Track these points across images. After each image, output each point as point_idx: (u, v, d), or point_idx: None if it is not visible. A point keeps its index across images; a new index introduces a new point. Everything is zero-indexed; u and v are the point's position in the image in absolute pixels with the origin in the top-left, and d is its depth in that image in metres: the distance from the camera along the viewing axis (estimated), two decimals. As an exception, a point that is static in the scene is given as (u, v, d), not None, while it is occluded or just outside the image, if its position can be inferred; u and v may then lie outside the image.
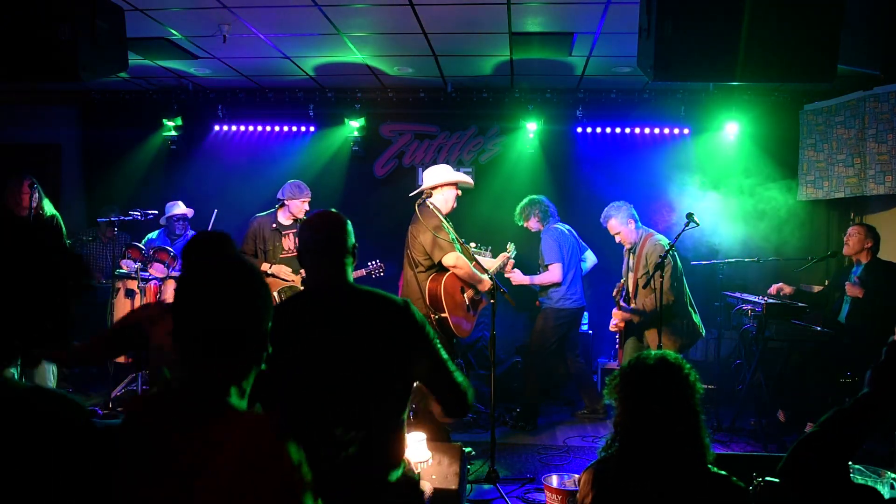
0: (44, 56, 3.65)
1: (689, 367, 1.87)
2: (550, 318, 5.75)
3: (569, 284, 5.71)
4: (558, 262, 5.66)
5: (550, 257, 5.69)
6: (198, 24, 5.33)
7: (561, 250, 5.69)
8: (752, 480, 2.08)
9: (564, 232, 5.80)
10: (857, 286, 5.15)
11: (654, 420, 1.80)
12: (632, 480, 1.81)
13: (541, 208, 5.83)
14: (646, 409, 1.82)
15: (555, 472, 4.26)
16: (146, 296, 5.95)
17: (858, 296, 5.16)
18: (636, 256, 5.11)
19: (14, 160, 7.51)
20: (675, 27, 3.34)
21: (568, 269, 5.70)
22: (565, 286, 5.70)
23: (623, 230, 5.15)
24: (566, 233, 5.81)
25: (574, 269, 5.75)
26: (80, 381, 6.48)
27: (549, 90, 7.18)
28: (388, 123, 7.58)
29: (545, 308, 5.81)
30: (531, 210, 5.84)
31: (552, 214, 5.87)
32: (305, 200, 5.63)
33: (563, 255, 5.68)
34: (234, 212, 6.52)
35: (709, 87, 6.99)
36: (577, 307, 5.77)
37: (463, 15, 5.06)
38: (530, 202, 5.88)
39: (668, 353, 1.90)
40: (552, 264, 5.67)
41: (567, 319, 5.77)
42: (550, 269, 5.68)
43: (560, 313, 5.73)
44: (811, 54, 3.42)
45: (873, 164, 5.92)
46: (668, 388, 1.82)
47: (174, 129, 7.46)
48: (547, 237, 5.77)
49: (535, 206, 5.84)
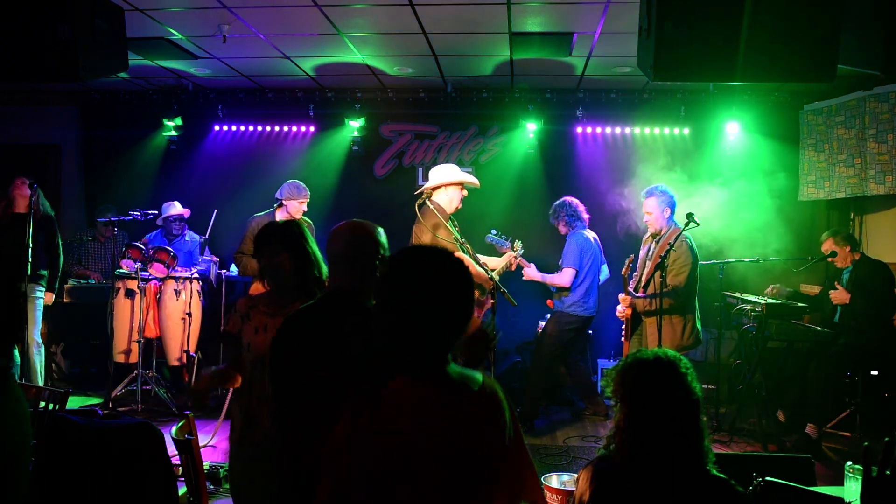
0: (44, 56, 3.64)
1: (687, 365, 1.87)
2: (561, 321, 5.77)
3: (584, 292, 5.71)
4: (573, 268, 5.66)
5: (567, 261, 5.70)
6: (198, 24, 5.33)
7: (581, 258, 5.68)
8: (752, 480, 2.08)
9: (590, 240, 5.79)
10: (843, 292, 5.18)
11: (651, 418, 1.80)
12: (631, 480, 1.81)
13: (568, 212, 5.81)
14: (643, 406, 1.82)
15: (555, 472, 4.25)
16: (146, 296, 5.96)
17: (845, 302, 5.18)
18: (660, 246, 5.05)
19: (14, 160, 7.52)
20: (675, 27, 3.34)
21: (584, 277, 5.70)
22: (579, 293, 5.70)
23: (657, 214, 5.01)
24: (591, 241, 5.80)
25: (592, 278, 5.73)
26: (80, 381, 6.49)
27: (549, 90, 7.19)
28: (388, 123, 7.58)
29: (556, 311, 5.84)
30: (560, 213, 5.84)
31: (580, 220, 5.84)
32: (304, 201, 5.63)
33: (582, 263, 5.68)
34: (234, 212, 6.52)
35: (709, 87, 6.98)
36: (587, 315, 5.76)
37: (463, 15, 5.06)
38: (561, 205, 5.87)
39: (665, 351, 1.90)
40: (566, 268, 5.68)
41: (575, 325, 5.78)
42: (563, 272, 5.70)
43: (569, 318, 5.74)
44: (811, 54, 3.41)
45: (873, 165, 5.92)
46: (663, 384, 1.82)
47: (174, 129, 7.46)
48: (571, 241, 5.76)
49: (564, 209, 5.83)
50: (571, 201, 5.89)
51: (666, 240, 4.97)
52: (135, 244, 6.00)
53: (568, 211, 5.82)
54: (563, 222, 5.83)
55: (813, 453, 3.68)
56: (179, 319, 6.04)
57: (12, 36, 3.63)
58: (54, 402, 3.45)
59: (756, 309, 5.29)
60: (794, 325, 5.39)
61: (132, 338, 6.00)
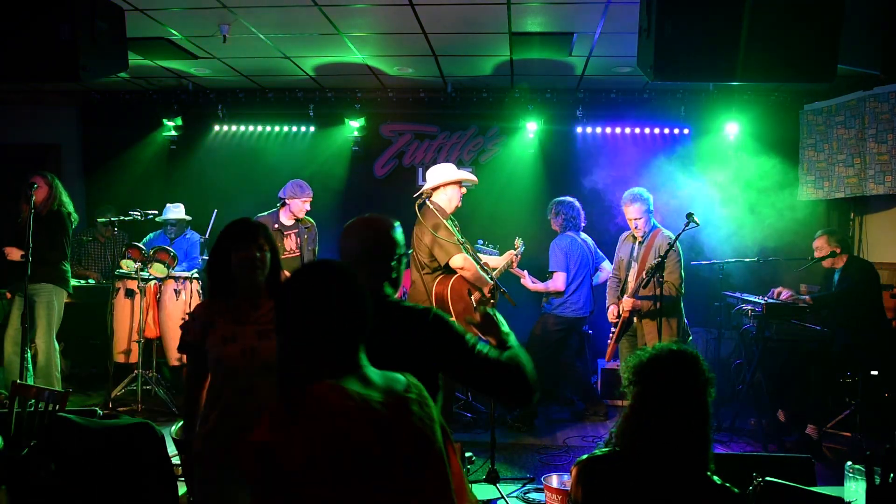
0: (44, 56, 3.64)
1: (707, 365, 1.88)
2: (548, 323, 5.77)
3: (572, 293, 5.71)
4: (561, 272, 5.67)
5: (554, 265, 5.71)
6: (198, 24, 5.33)
7: (567, 260, 5.68)
8: (752, 480, 2.08)
9: (576, 241, 5.77)
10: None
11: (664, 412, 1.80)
12: (629, 477, 1.81)
13: (567, 214, 5.78)
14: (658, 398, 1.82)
15: (555, 472, 4.26)
16: (146, 296, 5.96)
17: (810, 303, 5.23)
18: (645, 247, 5.09)
19: (14, 160, 7.52)
20: (675, 27, 3.34)
21: (574, 279, 5.70)
22: (567, 294, 5.71)
23: (644, 218, 5.10)
24: (578, 242, 5.78)
25: (581, 279, 5.73)
26: (80, 381, 6.49)
27: (549, 90, 7.19)
28: (388, 123, 7.58)
29: (544, 313, 5.84)
30: (560, 211, 5.82)
31: (575, 225, 5.82)
32: (307, 200, 5.64)
33: (569, 265, 5.68)
34: (234, 212, 6.47)
35: (709, 87, 6.99)
36: (575, 316, 5.75)
37: (463, 15, 5.06)
38: (563, 203, 5.84)
39: (686, 348, 1.91)
40: (555, 272, 5.69)
41: (563, 326, 5.77)
42: (555, 276, 5.70)
43: (557, 320, 5.74)
44: (811, 54, 3.41)
45: (873, 164, 5.93)
46: (685, 379, 1.83)
47: (174, 129, 7.46)
48: (554, 245, 5.78)
49: (564, 209, 5.81)
50: (574, 204, 5.86)
51: (651, 240, 5.03)
52: (135, 244, 6.00)
53: (567, 212, 5.80)
54: (559, 222, 5.82)
55: (813, 453, 3.69)
56: (179, 319, 6.03)
57: (12, 36, 3.63)
58: (54, 402, 3.45)
59: (756, 309, 5.29)
60: (794, 325, 5.39)
61: (132, 338, 6.00)
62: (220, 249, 2.58)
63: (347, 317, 1.57)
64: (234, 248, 2.55)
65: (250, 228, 2.60)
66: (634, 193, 5.11)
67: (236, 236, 2.57)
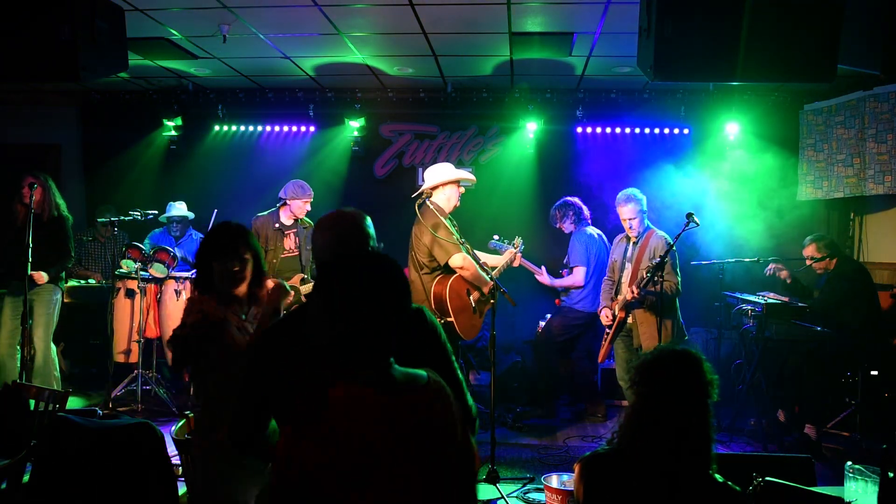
0: (44, 56, 3.64)
1: (710, 367, 1.89)
2: (568, 316, 5.88)
3: (592, 287, 5.78)
4: (583, 266, 5.75)
5: (576, 260, 5.77)
6: (198, 24, 5.33)
7: (588, 254, 5.76)
8: (752, 480, 2.08)
9: (594, 236, 5.89)
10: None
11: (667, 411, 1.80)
12: (632, 475, 1.81)
13: (574, 210, 5.94)
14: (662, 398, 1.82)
15: (555, 472, 4.26)
16: (146, 296, 5.95)
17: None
18: (639, 248, 5.10)
19: (14, 160, 7.51)
20: (675, 27, 3.34)
21: (594, 273, 5.77)
22: (588, 288, 5.79)
23: (639, 218, 5.11)
24: (595, 237, 5.89)
25: (598, 274, 5.77)
26: (80, 381, 6.49)
27: (549, 90, 7.19)
28: (388, 123, 7.58)
29: (563, 306, 5.95)
30: (566, 211, 5.95)
31: (584, 217, 5.97)
32: (307, 201, 5.63)
33: (590, 259, 5.76)
34: (234, 212, 6.50)
35: (709, 87, 6.99)
36: (594, 311, 5.77)
37: (463, 15, 5.06)
38: (564, 204, 6.00)
39: (690, 349, 1.93)
40: (577, 267, 5.76)
41: (581, 321, 5.86)
42: (575, 271, 5.79)
43: (577, 314, 5.84)
44: (811, 54, 3.41)
45: (873, 164, 5.93)
46: (688, 380, 1.83)
47: (174, 129, 7.46)
48: (576, 240, 5.87)
49: (569, 207, 5.96)
50: (574, 201, 6.00)
51: (646, 240, 5.06)
52: (135, 244, 6.00)
53: (574, 209, 5.93)
54: (570, 220, 5.93)
55: (813, 453, 3.69)
56: (179, 319, 6.02)
57: (12, 36, 3.63)
58: (54, 402, 3.45)
59: (756, 309, 5.29)
60: (794, 325, 5.39)
61: (132, 338, 6.00)
62: (202, 258, 2.62)
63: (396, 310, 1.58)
64: (213, 258, 2.59)
65: (230, 240, 2.61)
66: (628, 194, 5.15)
67: (216, 249, 2.60)
